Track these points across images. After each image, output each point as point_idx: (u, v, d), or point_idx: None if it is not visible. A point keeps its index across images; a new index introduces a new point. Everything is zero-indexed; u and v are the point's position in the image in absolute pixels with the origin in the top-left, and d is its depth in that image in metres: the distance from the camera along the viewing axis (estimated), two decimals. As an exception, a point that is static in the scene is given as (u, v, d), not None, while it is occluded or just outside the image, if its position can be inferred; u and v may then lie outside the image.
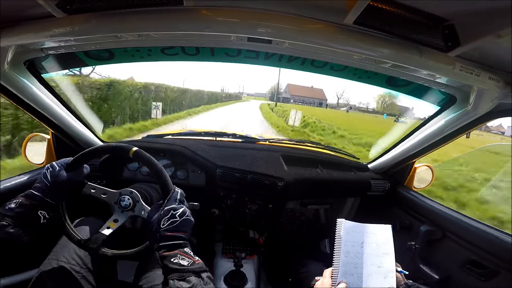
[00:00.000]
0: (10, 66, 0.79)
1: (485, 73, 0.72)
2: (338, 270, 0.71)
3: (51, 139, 1.25)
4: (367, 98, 59.56)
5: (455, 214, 1.12)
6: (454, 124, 0.99)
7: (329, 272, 0.72)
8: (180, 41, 0.84)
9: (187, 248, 0.70)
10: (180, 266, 0.65)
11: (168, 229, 0.71)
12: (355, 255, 0.73)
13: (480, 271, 0.97)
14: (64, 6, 0.60)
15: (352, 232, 0.75)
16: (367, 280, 0.70)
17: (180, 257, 0.67)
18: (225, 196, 1.36)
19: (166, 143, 1.34)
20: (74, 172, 0.82)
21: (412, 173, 1.43)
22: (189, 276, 0.63)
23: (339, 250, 0.73)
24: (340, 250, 0.73)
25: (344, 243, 0.73)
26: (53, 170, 0.78)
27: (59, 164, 0.80)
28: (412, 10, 0.58)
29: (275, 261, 1.57)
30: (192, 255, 0.69)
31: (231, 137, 1.54)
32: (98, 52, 0.91)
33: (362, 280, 0.70)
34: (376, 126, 18.88)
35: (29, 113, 1.02)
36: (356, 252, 0.73)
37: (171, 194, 0.77)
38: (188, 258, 0.67)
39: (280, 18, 0.63)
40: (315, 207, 1.60)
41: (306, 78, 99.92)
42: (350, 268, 0.71)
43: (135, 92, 9.48)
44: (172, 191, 0.77)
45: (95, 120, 1.39)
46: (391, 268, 0.72)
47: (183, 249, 0.69)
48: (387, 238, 0.76)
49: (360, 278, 0.70)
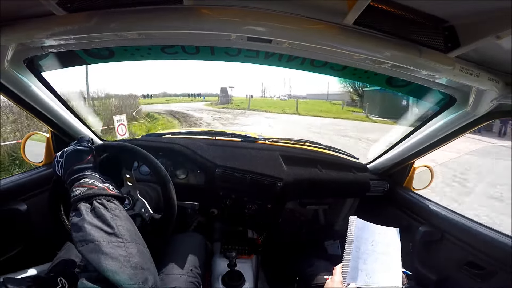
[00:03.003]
0: (10, 64, 0.78)
1: (484, 73, 0.72)
2: (349, 264, 0.72)
3: (50, 137, 1.25)
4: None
5: (454, 215, 1.12)
6: (453, 125, 0.99)
7: (339, 269, 0.73)
8: (180, 40, 0.84)
9: (84, 179, 0.69)
10: (73, 197, 0.65)
11: (63, 172, 0.73)
12: (365, 251, 0.74)
13: (477, 272, 0.97)
14: (64, 5, 0.60)
15: (363, 230, 0.77)
16: (374, 277, 0.71)
17: (74, 189, 0.66)
18: (224, 195, 1.36)
19: (165, 142, 1.34)
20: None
21: (411, 174, 1.43)
22: (78, 204, 0.62)
23: (351, 245, 0.74)
24: (352, 245, 0.74)
25: (356, 238, 0.75)
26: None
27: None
28: (412, 10, 0.58)
29: (274, 261, 1.57)
30: (88, 183, 0.68)
31: (230, 137, 1.54)
32: (98, 51, 0.90)
33: (370, 277, 0.71)
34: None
35: (29, 112, 1.02)
36: (366, 249, 0.75)
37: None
38: (81, 188, 0.66)
39: (280, 18, 0.63)
40: (314, 207, 1.60)
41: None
42: (360, 263, 0.72)
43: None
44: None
45: (94, 118, 1.39)
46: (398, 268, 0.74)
47: (79, 181, 0.69)
48: (395, 240, 0.79)
49: (369, 274, 0.71)
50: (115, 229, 0.58)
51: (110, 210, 0.62)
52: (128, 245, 0.57)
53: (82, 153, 0.76)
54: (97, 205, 0.62)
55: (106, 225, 0.58)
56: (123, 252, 0.55)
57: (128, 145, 0.88)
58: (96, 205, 0.62)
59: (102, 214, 0.60)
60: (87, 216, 0.59)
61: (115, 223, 0.60)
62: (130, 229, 0.62)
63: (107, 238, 0.56)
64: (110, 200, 0.66)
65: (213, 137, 1.50)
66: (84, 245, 0.55)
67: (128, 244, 0.57)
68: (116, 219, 0.61)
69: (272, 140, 1.54)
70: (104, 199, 0.64)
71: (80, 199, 0.63)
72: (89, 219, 0.58)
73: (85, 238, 0.55)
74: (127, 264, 0.53)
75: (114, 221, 0.60)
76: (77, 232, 0.57)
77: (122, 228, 0.60)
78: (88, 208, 0.61)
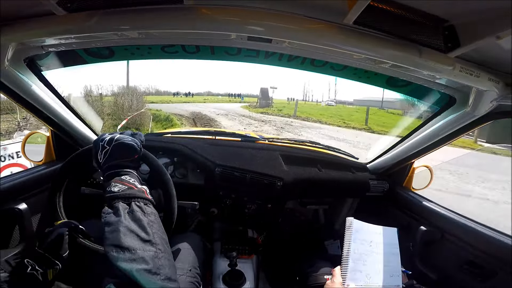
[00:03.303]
0: (10, 63, 0.78)
1: (485, 74, 0.72)
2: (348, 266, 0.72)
3: (50, 137, 1.25)
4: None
5: (454, 215, 1.12)
6: (453, 125, 0.99)
7: (339, 270, 0.73)
8: (180, 39, 0.84)
9: (126, 176, 0.67)
10: (111, 193, 0.62)
11: (105, 161, 0.69)
12: (363, 252, 0.74)
13: (478, 271, 0.97)
14: (64, 4, 0.60)
15: (361, 231, 0.77)
16: (374, 277, 0.72)
17: (114, 184, 0.64)
18: (224, 195, 1.36)
19: (166, 141, 1.34)
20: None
21: (411, 174, 1.43)
22: (116, 202, 0.60)
23: (349, 246, 0.74)
24: (350, 247, 0.74)
25: (353, 240, 0.75)
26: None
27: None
28: (412, 10, 0.58)
29: (274, 261, 1.57)
30: (129, 181, 0.65)
31: (231, 136, 1.54)
32: (98, 50, 0.90)
33: (370, 277, 0.72)
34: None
35: (29, 111, 1.02)
36: (365, 250, 0.75)
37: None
38: (121, 185, 0.64)
39: (280, 18, 0.63)
40: (314, 207, 1.60)
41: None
42: (359, 265, 0.73)
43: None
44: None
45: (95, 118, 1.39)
46: (397, 268, 0.75)
47: (120, 177, 0.66)
48: (393, 239, 0.79)
49: (368, 275, 0.72)
50: (150, 236, 0.57)
51: (147, 215, 0.61)
52: (161, 255, 0.56)
53: (134, 150, 0.73)
54: (135, 208, 0.60)
55: (142, 230, 0.57)
56: (157, 263, 0.54)
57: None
58: (135, 208, 0.60)
59: (140, 218, 0.58)
60: (124, 219, 0.57)
61: (151, 229, 0.58)
62: (163, 238, 0.61)
63: (142, 246, 0.54)
64: (147, 204, 0.64)
65: (213, 137, 1.50)
66: (119, 251, 0.53)
67: (161, 254, 0.56)
68: (152, 225, 0.59)
69: (272, 140, 1.54)
70: (142, 202, 0.62)
71: (119, 197, 0.61)
72: (126, 223, 0.56)
73: (120, 244, 0.53)
74: (157, 276, 0.52)
75: (150, 227, 0.58)
76: (111, 233, 0.55)
77: (157, 236, 0.58)
78: (126, 209, 0.59)
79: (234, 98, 39.28)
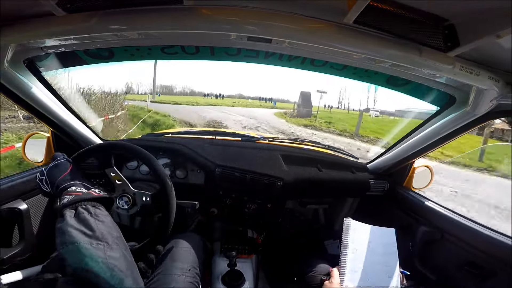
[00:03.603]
0: (9, 65, 0.78)
1: (485, 72, 0.72)
2: (346, 266, 0.72)
3: (51, 137, 1.25)
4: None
5: (454, 215, 1.12)
6: (453, 125, 0.99)
7: (337, 271, 0.72)
8: (180, 40, 0.84)
9: (71, 187, 0.72)
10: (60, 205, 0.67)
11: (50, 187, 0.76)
12: (361, 253, 0.74)
13: (477, 272, 0.97)
14: (64, 5, 0.60)
15: (359, 231, 0.77)
16: (372, 278, 0.71)
17: (63, 197, 0.69)
18: (224, 195, 1.36)
19: (165, 142, 1.34)
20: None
21: (411, 173, 1.43)
22: (64, 211, 0.64)
23: (347, 247, 0.74)
24: (348, 248, 0.74)
25: (351, 240, 0.75)
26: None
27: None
28: (412, 9, 0.58)
29: (274, 261, 1.57)
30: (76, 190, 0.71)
31: (231, 136, 1.54)
32: (98, 51, 0.90)
33: (368, 278, 0.71)
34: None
35: (29, 112, 1.02)
36: (363, 250, 0.75)
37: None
38: (68, 196, 0.69)
39: (280, 18, 0.63)
40: (314, 207, 1.60)
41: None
42: (357, 265, 0.72)
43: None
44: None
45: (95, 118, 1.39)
46: (395, 268, 0.74)
47: (67, 190, 0.71)
48: (391, 240, 0.79)
49: (366, 275, 0.72)
50: (96, 232, 0.60)
51: (94, 215, 0.64)
52: (107, 247, 0.59)
53: (61, 165, 0.79)
54: (81, 210, 0.64)
55: (87, 228, 0.60)
56: (102, 254, 0.57)
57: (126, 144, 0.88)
58: (80, 210, 0.64)
59: (86, 218, 0.62)
60: (70, 221, 0.61)
61: (97, 226, 0.61)
62: (112, 234, 0.63)
63: (87, 240, 0.58)
64: (96, 206, 0.68)
65: (213, 137, 1.50)
66: (65, 247, 0.57)
67: (107, 246, 0.59)
68: (99, 223, 0.63)
69: (272, 140, 1.54)
70: (89, 204, 0.66)
71: (66, 206, 0.65)
72: (71, 223, 0.60)
73: (66, 241, 0.57)
74: (104, 265, 0.55)
75: (96, 225, 0.62)
76: (60, 236, 0.59)
77: (104, 231, 0.61)
78: (72, 214, 0.63)
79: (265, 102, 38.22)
